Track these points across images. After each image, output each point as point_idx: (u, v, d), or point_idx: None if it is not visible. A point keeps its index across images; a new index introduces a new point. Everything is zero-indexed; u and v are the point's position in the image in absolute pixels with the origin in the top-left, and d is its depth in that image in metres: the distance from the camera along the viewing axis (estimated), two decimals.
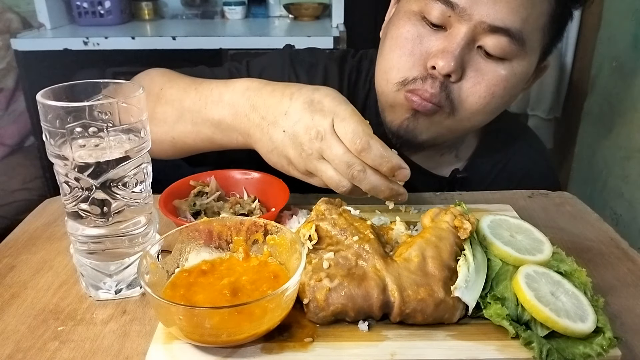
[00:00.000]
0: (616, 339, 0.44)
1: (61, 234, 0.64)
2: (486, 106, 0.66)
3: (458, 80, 0.65)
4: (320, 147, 0.55)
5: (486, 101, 0.66)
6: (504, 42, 0.62)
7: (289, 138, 0.56)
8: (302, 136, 0.55)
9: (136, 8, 1.98)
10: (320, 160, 0.55)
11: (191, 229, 0.50)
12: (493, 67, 0.64)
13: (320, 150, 0.55)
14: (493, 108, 0.67)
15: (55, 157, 0.47)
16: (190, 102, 0.64)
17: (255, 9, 2.04)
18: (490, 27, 0.61)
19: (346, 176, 0.54)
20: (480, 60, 0.64)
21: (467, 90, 0.65)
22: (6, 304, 0.52)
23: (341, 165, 0.54)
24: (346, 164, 0.54)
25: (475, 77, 0.64)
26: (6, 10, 1.72)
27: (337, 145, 0.54)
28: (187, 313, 0.41)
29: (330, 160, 0.55)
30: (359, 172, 0.54)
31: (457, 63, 0.62)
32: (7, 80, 1.69)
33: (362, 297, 0.46)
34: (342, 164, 0.54)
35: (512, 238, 0.52)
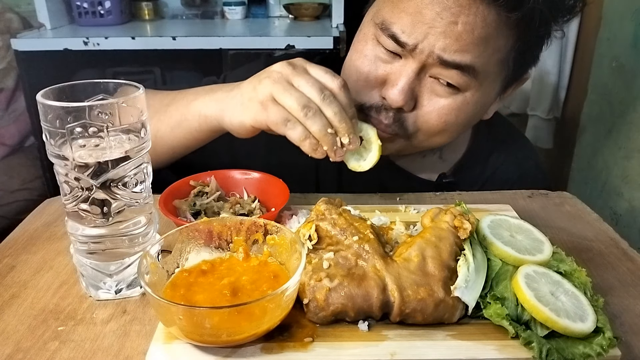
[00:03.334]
0: (616, 339, 0.44)
1: (61, 234, 0.64)
2: (441, 132, 0.68)
3: (411, 110, 0.66)
4: (293, 72, 0.57)
5: (440, 128, 0.67)
6: (455, 75, 0.63)
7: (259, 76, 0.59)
8: (274, 68, 0.58)
9: (136, 8, 1.98)
10: (286, 87, 0.56)
11: (191, 229, 0.50)
12: (445, 97, 0.65)
13: (292, 75, 0.57)
14: (451, 132, 0.69)
15: (55, 157, 0.47)
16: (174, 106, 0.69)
17: (255, 9, 2.04)
18: (440, 61, 0.62)
19: (302, 109, 0.55)
20: (433, 89, 0.65)
21: (421, 119, 0.67)
22: (6, 304, 0.52)
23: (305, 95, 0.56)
24: (316, 90, 0.56)
25: (427, 106, 0.66)
26: (6, 11, 1.72)
27: (309, 75, 0.57)
28: (187, 313, 0.42)
29: (298, 85, 0.57)
30: (316, 110, 0.56)
31: (406, 96, 0.64)
32: (7, 80, 1.69)
33: (362, 297, 0.46)
34: (309, 91, 0.56)
35: (512, 238, 0.52)
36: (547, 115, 1.49)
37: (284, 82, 0.57)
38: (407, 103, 0.64)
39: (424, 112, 0.66)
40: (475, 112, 0.68)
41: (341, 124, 0.57)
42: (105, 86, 0.50)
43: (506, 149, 0.83)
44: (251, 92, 0.59)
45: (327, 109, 0.56)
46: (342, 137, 0.58)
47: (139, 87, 0.49)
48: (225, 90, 0.63)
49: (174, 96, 0.70)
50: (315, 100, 0.56)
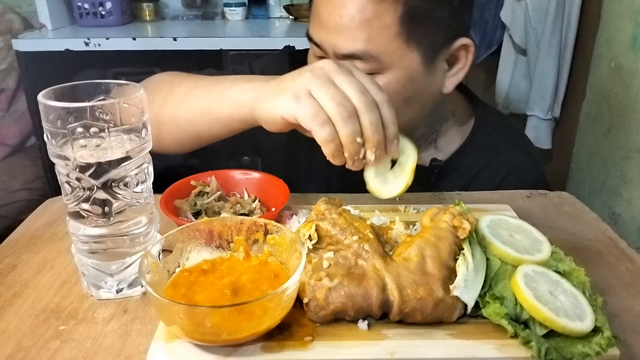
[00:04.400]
0: (614, 338, 0.44)
1: (62, 233, 0.65)
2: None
3: None
4: (337, 69, 0.54)
5: None
6: (359, 64, 0.65)
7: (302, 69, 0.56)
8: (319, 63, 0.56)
9: (137, 9, 1.98)
10: (325, 83, 0.53)
11: (192, 228, 0.51)
12: None
13: (335, 72, 0.54)
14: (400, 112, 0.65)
15: (56, 157, 0.47)
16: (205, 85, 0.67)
17: (256, 10, 2.04)
18: (342, 55, 0.66)
19: (337, 107, 0.52)
20: None
21: None
22: (8, 303, 0.52)
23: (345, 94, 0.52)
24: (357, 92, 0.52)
25: None
26: (7, 11, 1.72)
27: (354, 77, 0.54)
28: (187, 312, 0.42)
29: (339, 83, 0.53)
30: (352, 112, 0.52)
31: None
32: (8, 80, 1.69)
33: (361, 296, 0.46)
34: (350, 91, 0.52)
35: (511, 238, 0.52)
36: (546, 115, 1.50)
37: (324, 77, 0.53)
38: None
39: None
40: (406, 90, 0.68)
41: (374, 135, 0.53)
42: (107, 87, 0.50)
43: (505, 144, 0.84)
44: (289, 82, 0.56)
45: (364, 115, 0.52)
46: (368, 150, 0.54)
47: (140, 87, 0.49)
48: (264, 80, 0.61)
49: (211, 81, 0.68)
50: (355, 102, 0.52)
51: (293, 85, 0.55)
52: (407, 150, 0.59)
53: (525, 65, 1.57)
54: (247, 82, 0.63)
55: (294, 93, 0.54)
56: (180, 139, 0.70)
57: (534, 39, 1.47)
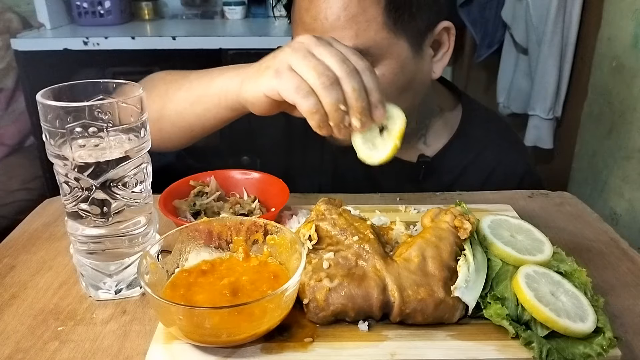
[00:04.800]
0: (616, 339, 0.44)
1: (61, 234, 0.64)
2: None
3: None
4: (316, 42, 0.54)
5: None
6: None
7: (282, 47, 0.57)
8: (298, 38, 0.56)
9: (136, 8, 1.98)
10: (305, 55, 0.53)
11: (191, 229, 0.50)
12: None
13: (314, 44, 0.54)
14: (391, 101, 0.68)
15: (55, 157, 0.47)
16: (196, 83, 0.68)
17: (255, 9, 2.04)
18: None
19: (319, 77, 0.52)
20: None
21: None
22: (6, 304, 0.52)
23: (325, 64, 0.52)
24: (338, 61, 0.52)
25: None
26: (6, 10, 1.72)
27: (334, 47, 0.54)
28: (187, 313, 0.41)
29: (319, 54, 0.53)
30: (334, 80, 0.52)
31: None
32: (7, 80, 1.69)
33: (362, 297, 0.46)
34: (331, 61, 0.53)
35: (512, 238, 0.52)
36: (548, 115, 1.49)
37: (304, 50, 0.54)
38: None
39: None
40: (399, 78, 0.69)
41: (357, 102, 0.53)
42: (105, 86, 0.50)
43: (492, 140, 0.85)
44: (270, 61, 0.57)
45: (346, 82, 0.52)
46: (352, 117, 0.53)
47: (139, 87, 0.49)
48: (249, 65, 0.62)
49: (200, 74, 0.69)
50: (336, 70, 0.53)
51: (274, 63, 0.55)
52: (394, 115, 0.59)
53: (526, 65, 1.56)
54: (232, 70, 0.64)
55: (275, 69, 0.55)
56: (172, 133, 0.71)
57: (535, 39, 1.47)
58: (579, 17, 1.40)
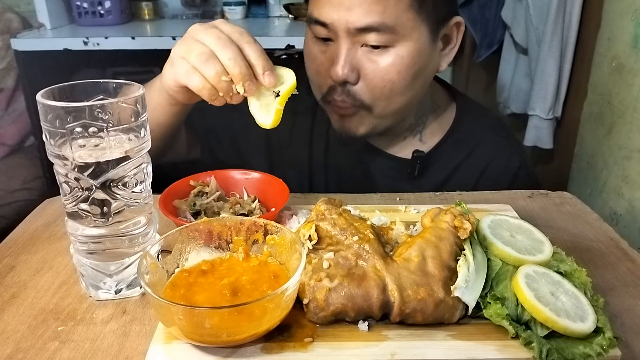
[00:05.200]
0: (616, 339, 0.44)
1: (61, 234, 0.64)
2: (392, 91, 0.72)
3: (356, 82, 0.71)
4: (199, 28, 0.59)
5: (388, 88, 0.71)
6: (376, 36, 0.68)
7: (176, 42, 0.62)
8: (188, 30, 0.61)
9: (136, 8, 1.97)
10: (189, 42, 0.59)
11: (191, 229, 0.50)
12: (380, 58, 0.70)
13: (197, 31, 0.59)
14: (402, 89, 0.72)
15: (55, 157, 0.47)
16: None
17: (255, 9, 2.04)
18: (357, 29, 0.68)
19: (198, 56, 0.57)
20: (368, 56, 0.70)
21: (368, 86, 0.71)
22: (6, 304, 0.52)
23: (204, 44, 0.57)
24: (213, 37, 0.57)
25: (369, 73, 0.71)
26: (6, 10, 1.72)
27: (215, 28, 0.59)
28: (187, 313, 0.41)
29: (199, 37, 0.58)
30: (210, 55, 0.57)
31: (346, 68, 0.70)
32: (7, 80, 1.68)
33: (362, 297, 0.46)
34: (208, 40, 0.57)
35: (512, 238, 0.52)
36: (547, 115, 1.49)
37: (188, 38, 0.60)
38: (349, 75, 0.70)
39: (368, 78, 0.71)
40: (416, 64, 0.71)
41: (235, 69, 0.56)
42: (105, 86, 0.50)
43: (486, 136, 0.85)
44: (170, 55, 0.62)
45: (221, 54, 0.57)
46: (236, 84, 0.57)
47: (139, 87, 0.49)
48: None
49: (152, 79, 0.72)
50: (211, 46, 0.57)
51: (171, 55, 0.62)
52: (287, 78, 0.60)
53: (526, 65, 1.56)
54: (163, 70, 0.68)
55: (170, 60, 0.62)
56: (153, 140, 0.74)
57: (535, 39, 1.47)
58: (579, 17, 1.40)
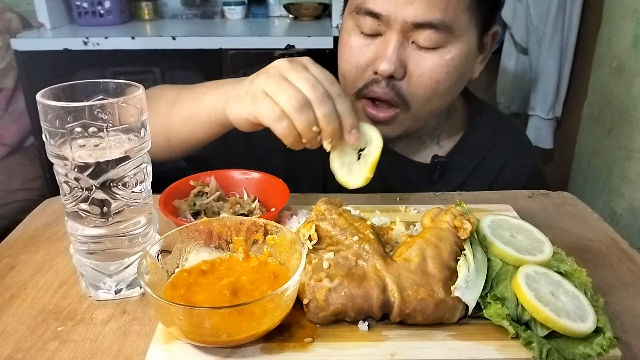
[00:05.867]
0: (616, 339, 0.44)
1: (61, 234, 0.64)
2: (435, 92, 0.71)
3: (402, 78, 0.70)
4: (290, 67, 0.57)
5: (433, 88, 0.70)
6: (431, 34, 0.66)
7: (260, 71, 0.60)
8: (273, 63, 0.59)
9: (136, 8, 1.97)
10: (278, 81, 0.56)
11: (191, 229, 0.50)
12: (430, 58, 0.69)
13: (288, 69, 0.57)
14: (444, 91, 0.72)
15: (55, 157, 0.47)
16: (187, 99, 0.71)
17: (255, 9, 2.04)
18: (414, 24, 0.66)
19: (290, 101, 0.54)
20: (417, 54, 0.69)
21: (413, 84, 0.70)
22: (6, 304, 0.52)
23: (298, 88, 0.55)
24: (310, 85, 0.55)
25: (417, 71, 0.69)
26: (6, 10, 1.72)
27: (307, 71, 0.57)
28: (187, 313, 0.41)
29: (292, 79, 0.56)
30: (305, 104, 0.55)
31: (394, 64, 0.67)
32: (7, 80, 1.68)
33: (362, 297, 0.46)
34: (303, 85, 0.55)
35: (512, 238, 0.52)
36: (548, 115, 1.49)
37: (277, 75, 0.57)
38: (396, 70, 0.68)
39: (415, 75, 0.69)
40: (462, 67, 0.71)
41: (329, 126, 0.56)
42: (105, 86, 0.50)
43: (501, 138, 0.86)
44: (248, 85, 0.59)
45: (318, 107, 0.55)
46: (324, 140, 0.57)
47: (139, 87, 0.49)
48: (232, 84, 0.64)
49: (188, 90, 0.72)
50: (307, 94, 0.55)
51: (251, 89, 0.59)
52: (372, 138, 0.60)
53: (526, 65, 1.56)
54: (218, 88, 0.66)
55: (252, 95, 0.58)
56: (169, 145, 0.73)
57: (535, 39, 1.47)
58: (579, 17, 1.40)
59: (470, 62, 0.72)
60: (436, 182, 0.82)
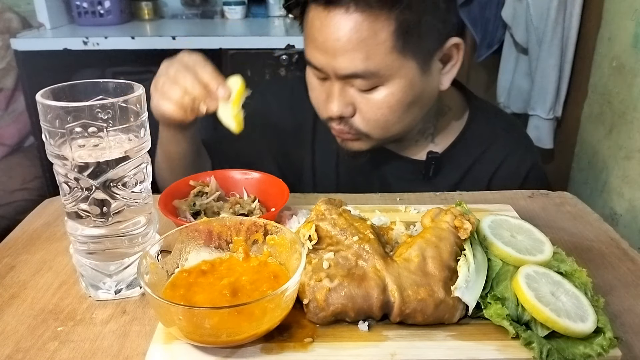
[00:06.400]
0: (616, 339, 0.44)
1: (61, 234, 0.64)
2: (387, 122, 0.73)
3: (353, 115, 0.74)
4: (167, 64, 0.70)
5: (383, 120, 0.73)
6: (362, 81, 0.70)
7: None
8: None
9: (136, 8, 1.97)
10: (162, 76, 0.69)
11: (191, 229, 0.50)
12: (370, 97, 0.72)
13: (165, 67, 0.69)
14: (398, 119, 0.74)
15: (54, 157, 0.47)
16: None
17: (255, 9, 2.04)
18: (343, 76, 0.70)
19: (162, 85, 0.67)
20: (359, 95, 0.72)
21: (364, 119, 0.73)
22: (6, 304, 0.52)
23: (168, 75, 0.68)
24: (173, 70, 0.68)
25: (362, 109, 0.73)
26: (6, 10, 1.72)
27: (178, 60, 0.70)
28: (186, 313, 0.41)
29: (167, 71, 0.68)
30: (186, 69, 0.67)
31: (340, 107, 0.72)
32: (6, 80, 1.68)
33: (362, 297, 0.46)
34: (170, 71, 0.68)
35: (512, 238, 0.52)
36: (548, 115, 1.49)
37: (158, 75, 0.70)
38: (344, 111, 0.72)
39: (363, 113, 0.73)
40: (408, 95, 0.72)
41: (194, 91, 0.66)
42: (105, 86, 0.50)
43: (499, 135, 0.86)
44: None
45: (181, 81, 0.67)
46: (199, 104, 0.67)
47: (139, 87, 0.49)
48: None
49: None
50: (171, 75, 0.68)
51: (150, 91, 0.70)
52: (236, 86, 0.67)
53: (526, 65, 1.56)
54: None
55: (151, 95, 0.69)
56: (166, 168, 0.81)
57: (536, 38, 1.47)
58: (579, 17, 1.40)
59: (417, 88, 0.72)
60: (432, 178, 0.83)
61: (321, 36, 0.68)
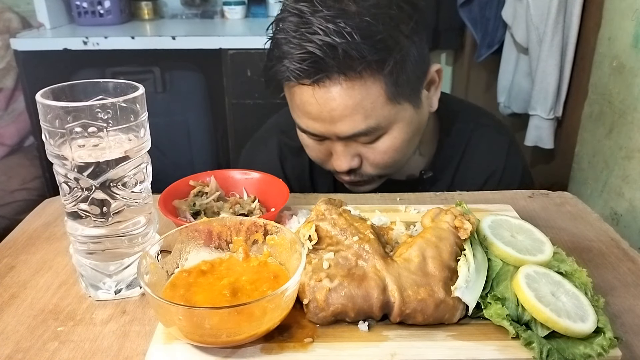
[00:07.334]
0: (616, 339, 0.44)
1: (61, 234, 0.64)
2: (397, 161, 0.76)
3: (361, 164, 0.75)
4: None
5: (393, 160, 0.75)
6: (363, 137, 0.71)
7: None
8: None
9: (136, 8, 1.97)
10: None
11: (191, 229, 0.50)
12: (376, 147, 0.73)
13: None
14: (404, 154, 0.76)
15: (54, 157, 0.47)
16: None
17: (255, 9, 2.04)
18: (346, 137, 0.71)
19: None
20: (364, 147, 0.73)
21: (372, 165, 0.75)
22: (6, 304, 0.52)
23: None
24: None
25: (369, 158, 0.74)
26: (5, 10, 1.72)
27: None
28: (186, 313, 0.41)
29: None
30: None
31: (347, 162, 0.73)
32: (6, 80, 1.68)
33: (362, 297, 0.46)
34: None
35: (512, 238, 0.52)
36: (548, 115, 1.49)
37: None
38: (352, 164, 0.74)
39: (370, 160, 0.74)
40: (410, 132, 0.74)
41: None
42: (105, 86, 0.50)
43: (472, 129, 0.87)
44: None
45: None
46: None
47: (139, 87, 0.49)
48: None
49: None
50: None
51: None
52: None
53: (527, 65, 1.56)
54: None
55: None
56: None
57: (536, 38, 1.47)
58: (579, 17, 1.39)
59: (415, 122, 0.74)
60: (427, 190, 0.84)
61: (314, 109, 0.68)
